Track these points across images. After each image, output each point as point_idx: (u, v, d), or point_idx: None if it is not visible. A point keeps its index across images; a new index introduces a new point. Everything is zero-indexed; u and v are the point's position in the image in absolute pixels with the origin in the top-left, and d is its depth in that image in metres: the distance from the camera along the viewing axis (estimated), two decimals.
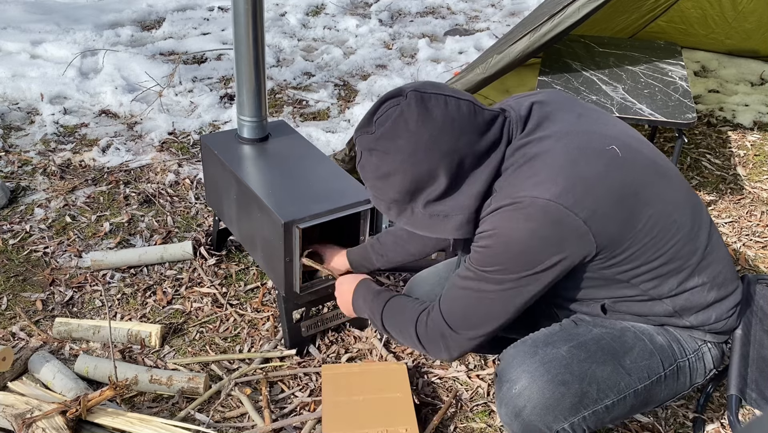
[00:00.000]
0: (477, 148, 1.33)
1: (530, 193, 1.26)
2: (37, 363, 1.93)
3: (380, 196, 1.40)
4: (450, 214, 1.36)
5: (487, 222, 1.32)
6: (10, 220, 2.67)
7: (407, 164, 1.31)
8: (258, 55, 2.07)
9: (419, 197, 1.36)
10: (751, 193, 3.16)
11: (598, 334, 1.45)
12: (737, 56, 4.47)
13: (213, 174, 2.24)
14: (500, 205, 1.30)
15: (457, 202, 1.35)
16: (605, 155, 1.32)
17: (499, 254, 1.31)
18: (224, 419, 1.87)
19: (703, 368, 1.51)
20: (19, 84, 3.71)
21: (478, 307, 1.38)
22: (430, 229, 1.39)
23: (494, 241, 1.30)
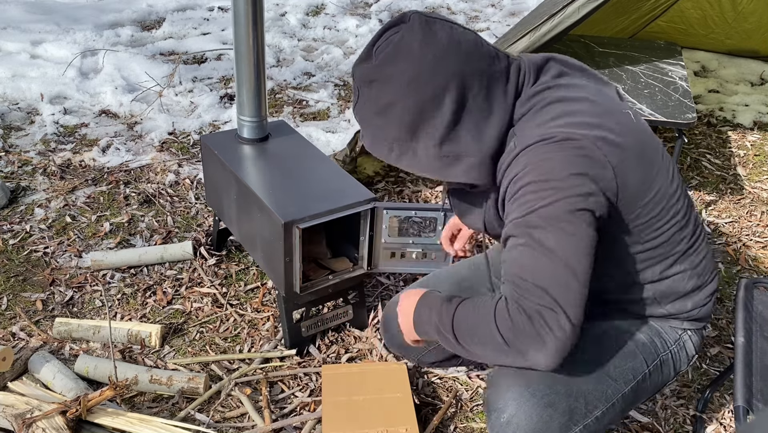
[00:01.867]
0: (487, 76, 1.23)
1: (560, 130, 1.20)
2: (37, 363, 1.93)
3: (380, 136, 1.28)
4: (461, 155, 1.25)
5: (519, 163, 1.21)
6: (10, 220, 2.67)
7: (410, 90, 1.21)
8: (258, 55, 2.07)
9: (424, 133, 1.24)
10: (751, 193, 3.16)
11: (579, 345, 1.39)
12: (737, 56, 4.47)
13: (213, 174, 2.24)
14: (528, 144, 1.21)
15: (467, 141, 1.24)
16: (626, 117, 1.29)
17: (540, 188, 1.18)
18: (224, 419, 1.87)
19: (686, 356, 1.50)
20: (19, 84, 3.71)
21: (550, 263, 1.18)
22: (437, 172, 1.27)
23: (531, 176, 1.19)
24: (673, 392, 2.04)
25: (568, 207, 1.17)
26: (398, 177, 3.10)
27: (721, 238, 2.81)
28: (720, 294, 2.48)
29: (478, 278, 1.79)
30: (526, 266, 1.20)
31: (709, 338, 2.27)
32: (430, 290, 1.47)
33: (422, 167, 1.28)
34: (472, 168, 1.25)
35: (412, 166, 1.29)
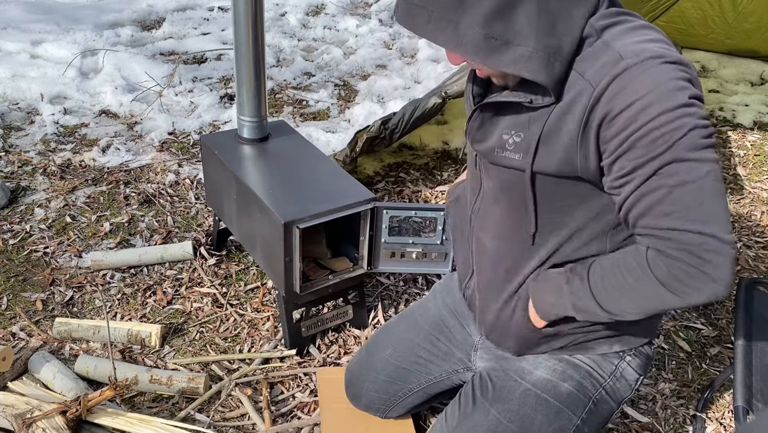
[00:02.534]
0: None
1: (666, 51, 1.05)
2: (37, 363, 1.93)
3: (420, 3, 1.07)
4: (510, 42, 1.05)
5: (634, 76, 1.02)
6: (10, 220, 2.67)
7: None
8: (258, 55, 2.07)
9: (468, 5, 1.04)
10: (751, 193, 3.16)
11: (494, 420, 1.36)
12: (737, 56, 4.47)
13: (213, 174, 2.24)
14: (639, 54, 1.03)
15: (522, 26, 1.04)
16: None
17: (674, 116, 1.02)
18: (224, 419, 1.87)
19: (626, 384, 1.39)
20: (19, 84, 3.70)
21: (698, 191, 1.04)
22: (480, 57, 1.07)
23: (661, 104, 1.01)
24: (673, 392, 2.04)
25: (701, 134, 1.03)
26: (398, 177, 3.11)
27: None
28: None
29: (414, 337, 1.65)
30: (672, 207, 1.05)
31: (709, 338, 2.27)
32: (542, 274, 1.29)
33: (463, 47, 1.07)
34: (523, 59, 1.05)
35: (449, 44, 1.07)
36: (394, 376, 1.64)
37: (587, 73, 1.06)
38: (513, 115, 1.18)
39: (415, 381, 1.62)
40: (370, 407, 1.72)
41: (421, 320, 1.66)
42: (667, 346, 2.23)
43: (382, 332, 1.74)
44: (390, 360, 1.65)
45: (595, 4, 1.10)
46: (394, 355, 1.65)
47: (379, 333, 1.75)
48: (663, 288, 1.10)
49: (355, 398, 1.75)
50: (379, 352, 1.69)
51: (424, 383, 1.61)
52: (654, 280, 1.11)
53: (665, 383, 2.07)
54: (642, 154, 1.04)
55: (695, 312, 2.38)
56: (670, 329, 2.30)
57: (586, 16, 1.08)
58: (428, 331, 1.62)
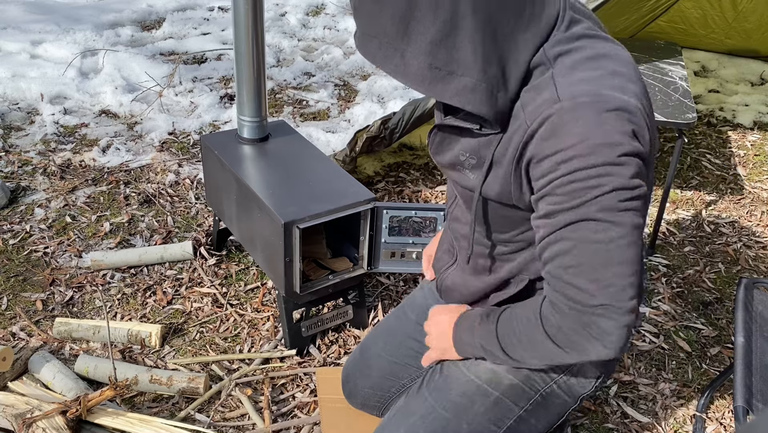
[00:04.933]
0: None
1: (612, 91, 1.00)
2: (37, 363, 1.93)
3: (371, 32, 1.05)
4: (454, 72, 1.02)
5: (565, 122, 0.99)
6: (10, 220, 2.67)
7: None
8: (258, 55, 2.07)
9: (416, 32, 1.01)
10: (751, 193, 3.16)
11: (429, 407, 1.37)
12: (737, 56, 4.47)
13: (213, 174, 2.24)
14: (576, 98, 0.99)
15: (465, 55, 1.01)
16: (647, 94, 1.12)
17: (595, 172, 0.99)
18: (224, 419, 1.87)
19: (584, 380, 1.36)
20: (19, 84, 3.70)
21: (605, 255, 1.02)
22: (425, 86, 1.05)
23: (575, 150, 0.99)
24: (673, 392, 2.04)
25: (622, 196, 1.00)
26: (398, 177, 3.11)
27: (721, 238, 2.82)
28: (720, 294, 2.48)
29: (403, 328, 1.67)
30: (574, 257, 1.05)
31: (709, 338, 2.27)
32: (466, 311, 1.36)
33: (409, 76, 1.05)
34: (465, 90, 1.03)
35: (399, 72, 1.06)
36: (387, 371, 1.65)
37: (527, 108, 1.04)
38: (468, 138, 1.18)
39: (407, 376, 1.62)
40: (366, 404, 1.72)
41: (409, 311, 1.67)
42: (667, 346, 2.23)
43: (375, 328, 1.75)
44: (382, 354, 1.66)
45: (549, 29, 1.05)
46: (386, 349, 1.66)
47: (372, 330, 1.76)
48: (551, 342, 1.12)
49: (351, 396, 1.75)
50: (371, 348, 1.69)
51: (416, 377, 1.61)
52: (543, 332, 1.12)
53: (665, 383, 2.07)
54: (559, 201, 1.03)
55: (695, 312, 2.39)
56: (670, 329, 2.30)
57: (537, 43, 1.04)
58: (416, 321, 1.63)
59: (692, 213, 2.99)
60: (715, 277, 2.58)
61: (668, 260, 2.65)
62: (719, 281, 2.55)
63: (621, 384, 2.06)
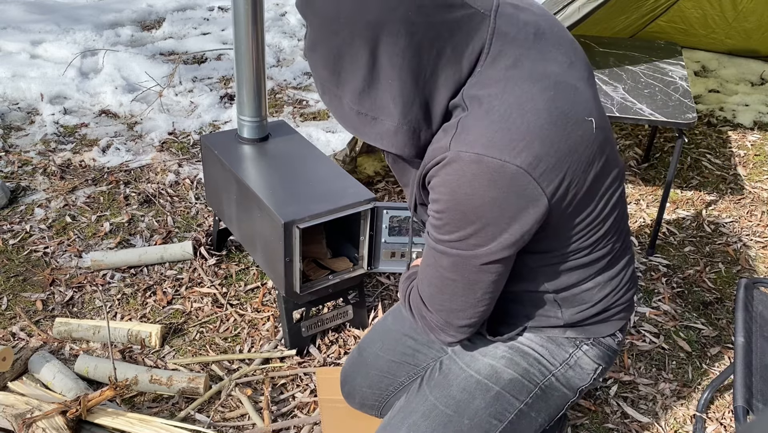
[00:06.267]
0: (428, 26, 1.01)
1: (499, 154, 1.02)
2: (37, 363, 1.93)
3: (315, 76, 1.13)
4: (377, 117, 1.08)
5: (444, 174, 1.06)
6: (10, 220, 2.67)
7: (330, 29, 1.03)
8: (258, 55, 2.07)
9: (344, 81, 1.07)
10: (752, 193, 3.16)
11: (430, 405, 1.39)
12: (737, 56, 4.47)
13: (213, 174, 2.24)
14: (459, 153, 1.03)
15: (386, 103, 1.06)
16: (582, 126, 1.09)
17: (453, 221, 1.09)
18: (224, 419, 1.87)
19: (583, 372, 1.39)
20: (19, 84, 3.71)
21: (441, 288, 1.19)
22: (355, 129, 1.12)
23: (447, 204, 1.07)
24: (673, 392, 2.04)
25: (479, 261, 1.12)
26: None
27: (721, 238, 2.82)
28: (720, 294, 2.48)
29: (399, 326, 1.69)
30: (423, 272, 1.22)
31: (709, 338, 2.27)
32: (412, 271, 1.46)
33: (345, 121, 1.13)
34: (388, 134, 1.09)
35: (338, 116, 1.14)
36: (385, 369, 1.65)
37: (431, 146, 1.11)
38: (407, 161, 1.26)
39: (404, 374, 1.63)
40: (365, 404, 1.72)
41: None
42: (667, 346, 2.23)
43: (372, 328, 1.76)
44: (380, 354, 1.66)
45: (471, 66, 1.07)
46: (383, 348, 1.66)
47: (369, 330, 1.77)
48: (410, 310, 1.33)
49: (349, 396, 1.76)
50: (369, 347, 1.70)
51: (414, 375, 1.62)
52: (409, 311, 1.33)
53: (665, 383, 2.07)
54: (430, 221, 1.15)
55: (695, 312, 2.39)
56: (671, 329, 2.30)
57: (458, 82, 1.07)
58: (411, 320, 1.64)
59: (692, 213, 2.99)
60: (715, 277, 2.58)
61: (668, 260, 2.65)
62: (719, 281, 2.55)
63: (621, 384, 2.06)
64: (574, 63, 1.16)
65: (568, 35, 1.21)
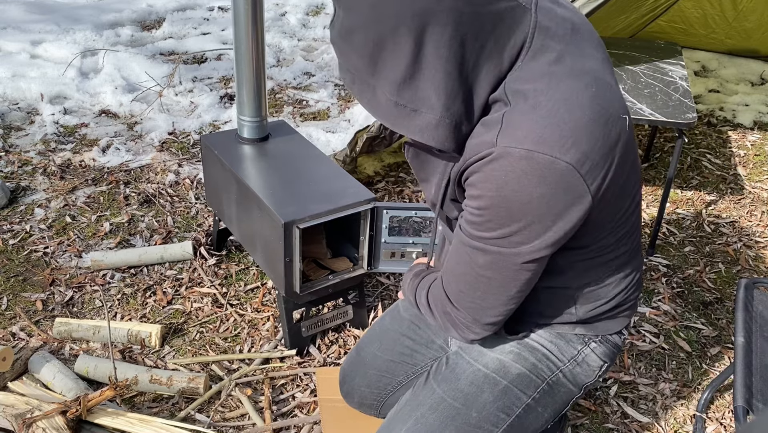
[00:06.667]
0: (473, 17, 0.99)
1: (550, 150, 1.01)
2: (37, 363, 1.93)
3: (345, 64, 1.10)
4: (418, 109, 1.05)
5: (489, 169, 1.04)
6: (10, 220, 2.67)
7: (372, 17, 1.00)
8: (258, 55, 2.07)
9: (383, 71, 1.04)
10: (752, 193, 3.16)
11: (438, 398, 1.39)
12: (737, 56, 4.47)
13: (213, 174, 2.24)
14: (508, 148, 1.01)
15: (428, 94, 1.03)
16: (619, 124, 1.09)
17: (497, 218, 1.07)
18: (224, 419, 1.87)
19: (589, 369, 1.40)
20: (19, 84, 3.70)
21: (474, 285, 1.17)
22: (392, 121, 1.09)
23: (492, 200, 1.05)
24: (673, 392, 2.04)
25: (521, 259, 1.11)
26: (398, 177, 3.11)
27: (721, 238, 2.82)
28: (720, 294, 2.48)
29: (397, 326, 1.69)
30: (452, 268, 1.20)
31: (709, 338, 2.27)
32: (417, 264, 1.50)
33: (379, 112, 1.10)
34: (429, 127, 1.06)
35: (371, 107, 1.11)
36: (383, 369, 1.65)
37: (472, 141, 1.08)
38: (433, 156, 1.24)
39: (402, 373, 1.63)
40: (363, 403, 1.73)
41: (403, 310, 1.69)
42: (667, 346, 2.23)
43: (371, 328, 1.76)
44: (378, 354, 1.67)
45: (512, 60, 1.06)
46: (381, 348, 1.67)
47: (368, 330, 1.77)
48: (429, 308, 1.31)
49: (348, 396, 1.76)
50: (367, 347, 1.70)
51: (412, 374, 1.62)
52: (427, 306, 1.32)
53: (665, 383, 2.07)
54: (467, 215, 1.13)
55: (695, 312, 2.39)
56: (671, 329, 2.30)
57: (498, 76, 1.06)
58: (410, 320, 1.65)
59: (692, 213, 2.99)
60: (715, 277, 2.58)
61: (668, 260, 2.65)
62: (719, 281, 2.55)
63: (621, 384, 2.06)
64: (605, 60, 1.16)
65: (596, 33, 1.20)
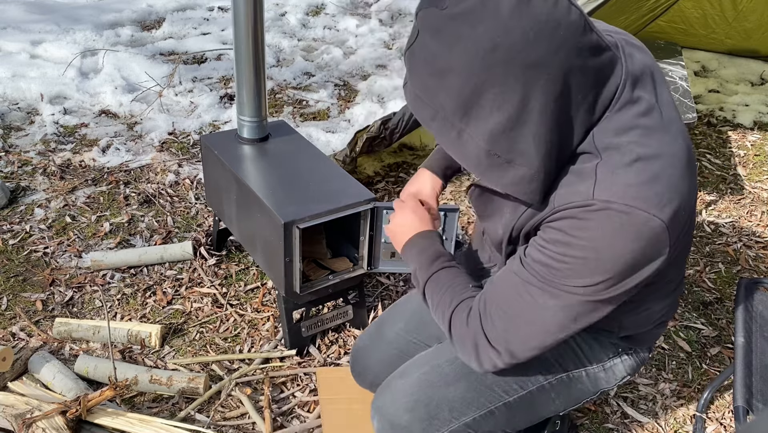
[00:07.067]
0: (579, 73, 0.97)
1: (648, 207, 0.98)
2: (37, 363, 1.93)
3: (426, 99, 1.04)
4: (514, 160, 1.01)
5: (586, 218, 1.00)
6: (10, 220, 2.67)
7: (478, 63, 0.95)
8: (258, 55, 2.06)
9: (477, 117, 0.99)
10: (751, 193, 3.16)
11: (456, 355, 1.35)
12: (737, 56, 4.47)
13: (213, 174, 2.24)
14: (609, 203, 0.98)
15: (527, 146, 0.99)
16: (695, 171, 1.09)
17: (583, 270, 1.03)
18: (224, 419, 1.87)
19: (613, 377, 1.41)
20: (19, 84, 3.70)
21: (529, 322, 1.10)
22: (479, 169, 1.05)
23: (583, 251, 1.01)
24: (673, 392, 2.04)
25: (588, 298, 1.05)
26: (398, 177, 3.10)
27: (721, 238, 2.81)
28: (720, 294, 2.48)
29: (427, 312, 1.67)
30: (505, 305, 1.13)
31: (709, 338, 2.27)
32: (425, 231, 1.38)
33: (464, 156, 1.05)
34: (523, 181, 1.03)
35: (451, 148, 1.06)
36: (404, 350, 1.63)
37: (561, 189, 1.05)
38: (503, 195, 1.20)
39: None
40: (375, 383, 1.67)
41: None
42: (667, 346, 2.23)
43: (394, 307, 1.74)
44: (401, 334, 1.65)
45: (603, 110, 1.03)
46: (405, 329, 1.65)
47: (390, 309, 1.75)
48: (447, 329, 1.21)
49: (360, 375, 1.72)
50: (390, 326, 1.68)
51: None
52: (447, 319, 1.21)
53: (665, 383, 2.07)
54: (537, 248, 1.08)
55: (695, 312, 2.39)
56: (671, 329, 2.30)
57: (587, 126, 1.03)
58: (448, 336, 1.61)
59: None
60: (715, 277, 2.58)
61: None
62: (719, 281, 2.55)
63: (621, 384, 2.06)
64: (672, 103, 1.14)
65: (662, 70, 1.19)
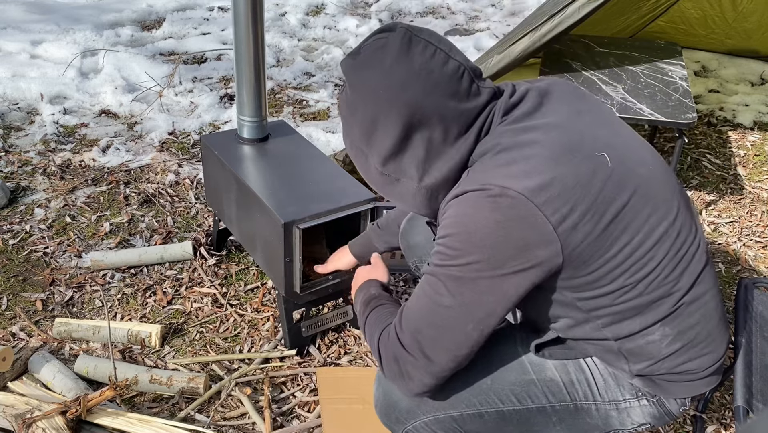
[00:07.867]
0: (450, 113, 1.18)
1: (501, 182, 1.12)
2: (37, 363, 1.93)
3: (347, 133, 1.30)
4: (400, 179, 1.25)
5: (451, 208, 1.17)
6: (10, 220, 2.67)
7: (371, 99, 1.20)
8: (258, 55, 2.07)
9: (374, 144, 1.23)
10: (752, 193, 3.16)
11: None
12: (737, 56, 4.47)
13: (213, 174, 2.24)
14: (465, 190, 1.16)
15: (409, 168, 1.22)
16: (593, 161, 1.15)
17: (459, 245, 1.13)
18: (224, 419, 1.87)
19: (626, 420, 1.33)
20: (19, 84, 3.70)
21: (431, 319, 1.18)
22: (378, 186, 1.30)
23: (454, 229, 1.15)
24: None
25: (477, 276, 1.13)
26: None
27: (721, 238, 2.81)
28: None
29: None
30: (412, 308, 1.21)
31: None
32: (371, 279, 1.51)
33: (368, 176, 1.31)
34: (408, 194, 1.26)
35: (362, 170, 1.31)
36: None
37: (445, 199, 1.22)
38: None
39: None
40: None
41: None
42: None
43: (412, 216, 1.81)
44: None
45: (477, 133, 1.20)
46: None
47: None
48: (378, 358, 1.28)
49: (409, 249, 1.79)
50: None
51: None
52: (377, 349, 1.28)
53: None
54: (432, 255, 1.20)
55: None
56: None
57: (469, 149, 1.21)
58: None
59: None
60: None
61: None
62: (719, 281, 2.55)
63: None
64: (581, 111, 1.26)
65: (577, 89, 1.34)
